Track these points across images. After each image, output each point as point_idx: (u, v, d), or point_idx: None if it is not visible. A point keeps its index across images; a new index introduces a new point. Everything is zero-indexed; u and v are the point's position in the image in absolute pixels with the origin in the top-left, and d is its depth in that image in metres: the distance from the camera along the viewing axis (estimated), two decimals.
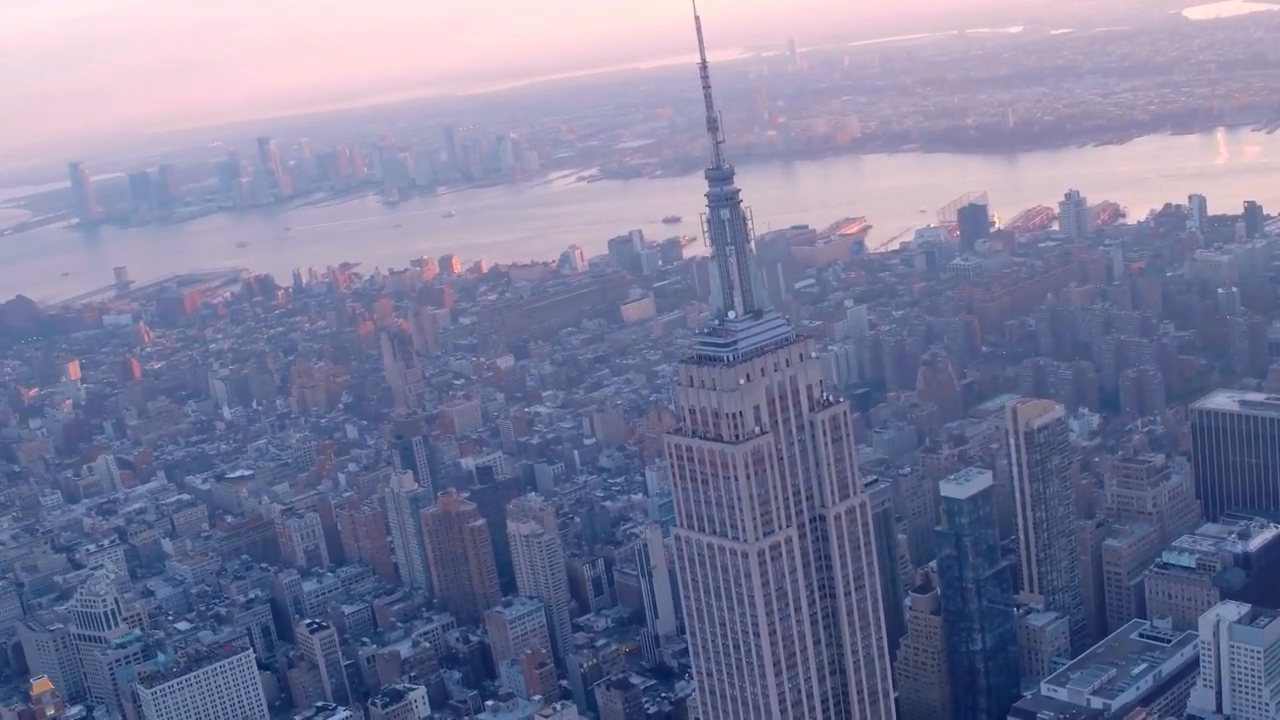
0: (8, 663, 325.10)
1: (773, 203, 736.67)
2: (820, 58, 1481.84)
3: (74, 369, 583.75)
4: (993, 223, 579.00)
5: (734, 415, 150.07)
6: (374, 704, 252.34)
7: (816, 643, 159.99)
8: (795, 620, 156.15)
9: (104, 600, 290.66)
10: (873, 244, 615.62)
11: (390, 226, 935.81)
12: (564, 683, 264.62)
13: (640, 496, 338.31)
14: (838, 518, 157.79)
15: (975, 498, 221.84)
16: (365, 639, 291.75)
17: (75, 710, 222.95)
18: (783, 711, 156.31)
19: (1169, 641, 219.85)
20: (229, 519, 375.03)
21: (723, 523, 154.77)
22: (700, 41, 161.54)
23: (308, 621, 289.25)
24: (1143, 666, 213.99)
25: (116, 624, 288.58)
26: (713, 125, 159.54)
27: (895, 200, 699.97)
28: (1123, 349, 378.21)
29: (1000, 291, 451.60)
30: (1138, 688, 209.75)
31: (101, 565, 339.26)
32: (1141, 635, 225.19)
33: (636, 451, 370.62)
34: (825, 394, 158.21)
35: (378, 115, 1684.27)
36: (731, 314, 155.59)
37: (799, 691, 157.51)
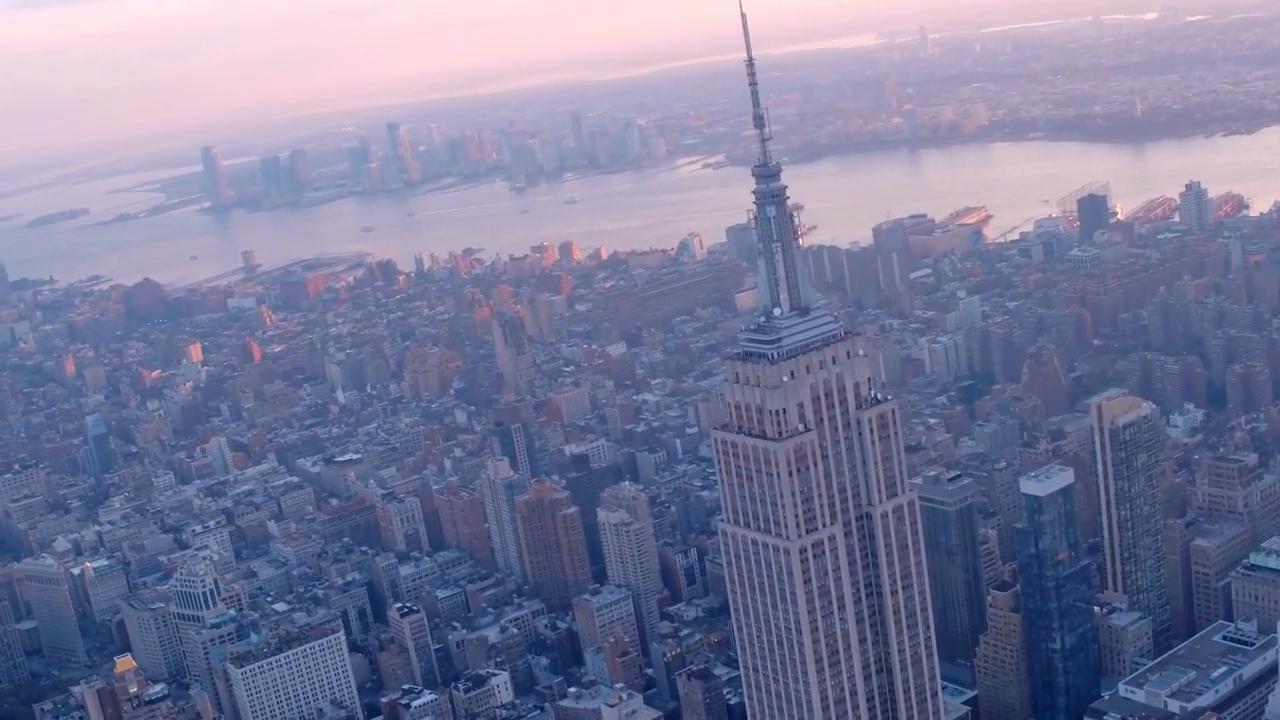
0: (112, 640, 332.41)
1: (896, 191, 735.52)
2: (952, 44, 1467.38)
3: (196, 351, 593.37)
4: (1114, 213, 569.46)
5: (777, 412, 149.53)
6: (456, 688, 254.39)
7: (862, 641, 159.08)
8: (839, 618, 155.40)
9: (202, 580, 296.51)
10: (993, 234, 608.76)
11: (516, 212, 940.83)
12: (650, 671, 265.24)
13: None
14: (884, 516, 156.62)
15: (1055, 495, 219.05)
16: (456, 624, 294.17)
17: (158, 688, 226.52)
18: (825, 709, 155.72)
19: (1252, 645, 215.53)
20: (334, 502, 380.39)
21: (766, 519, 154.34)
22: (746, 38, 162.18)
23: (399, 605, 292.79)
24: (1222, 670, 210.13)
25: (214, 604, 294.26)
26: (759, 122, 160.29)
27: (1018, 189, 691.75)
28: (1233, 344, 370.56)
29: (1114, 283, 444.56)
30: (1216, 691, 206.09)
31: (206, 546, 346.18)
32: (1225, 638, 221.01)
33: None
34: (874, 392, 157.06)
35: (511, 100, 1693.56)
36: (777, 310, 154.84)
37: (842, 689, 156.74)
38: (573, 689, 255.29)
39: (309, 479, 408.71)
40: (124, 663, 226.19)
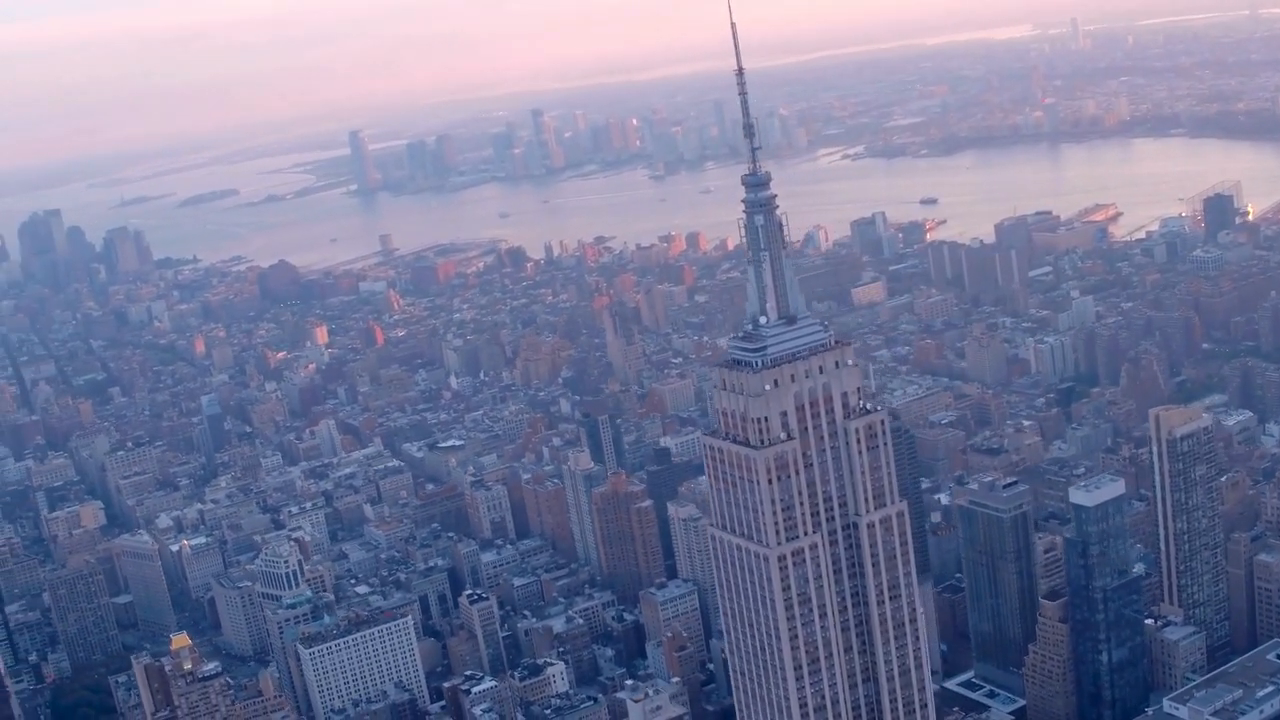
0: (205, 615, 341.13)
1: (1029, 185, 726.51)
2: (1105, 36, 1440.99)
3: (321, 334, 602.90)
4: (1245, 213, 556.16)
5: (760, 420, 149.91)
6: (512, 676, 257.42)
7: (848, 650, 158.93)
8: (820, 626, 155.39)
9: (285, 561, 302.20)
10: (1120, 232, 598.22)
11: (653, 201, 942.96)
12: (711, 666, 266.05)
13: None
14: (870, 526, 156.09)
15: (1104, 506, 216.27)
16: (527, 612, 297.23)
17: (212, 666, 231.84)
18: (804, 715, 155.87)
19: None
20: (429, 488, 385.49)
21: (748, 525, 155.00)
22: (736, 48, 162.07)
23: (469, 593, 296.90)
24: (1270, 689, 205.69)
25: (297, 585, 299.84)
26: (749, 131, 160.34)
27: (1153, 186, 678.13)
28: None
29: (1229, 286, 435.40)
30: (1261, 711, 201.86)
31: (299, 527, 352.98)
32: (1279, 656, 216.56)
33: None
34: (863, 402, 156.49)
35: (662, 87, 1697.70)
36: (763, 319, 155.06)
37: (823, 697, 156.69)
38: (629, 681, 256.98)
39: (413, 464, 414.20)
40: (179, 640, 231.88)
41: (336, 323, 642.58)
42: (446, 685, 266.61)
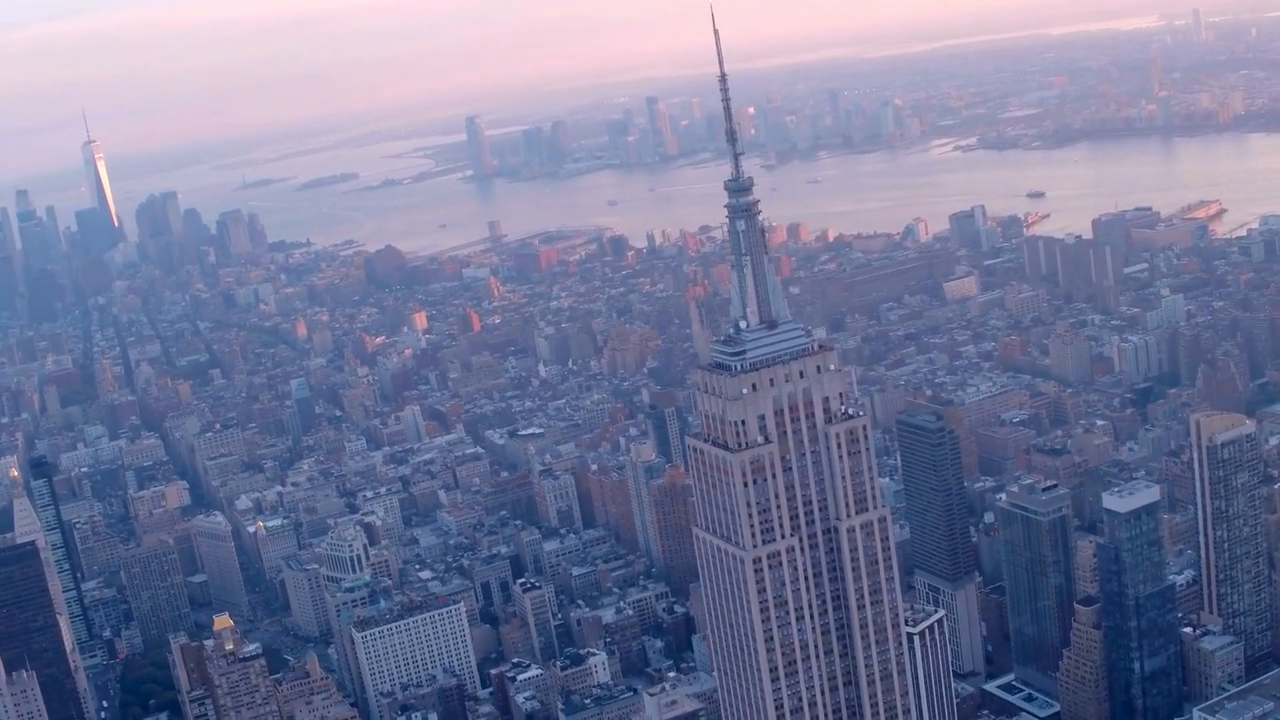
0: (277, 596, 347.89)
1: (1137, 180, 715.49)
2: (1228, 28, 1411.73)
3: (420, 319, 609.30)
4: None
5: (737, 423, 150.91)
6: (553, 664, 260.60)
7: (829, 653, 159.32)
8: (797, 629, 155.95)
9: (350, 546, 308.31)
10: (1223, 229, 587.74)
11: (763, 190, 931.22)
12: None
13: (885, 480, 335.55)
14: (850, 531, 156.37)
15: (1137, 512, 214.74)
16: (581, 601, 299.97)
17: (253, 647, 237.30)
18: (780, 717, 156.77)
19: None
20: (504, 475, 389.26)
21: (727, 527, 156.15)
22: (719, 53, 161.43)
23: (522, 581, 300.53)
24: None
25: (360, 569, 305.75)
26: (731, 138, 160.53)
27: (1262, 183, 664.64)
28: None
29: None
30: None
31: (372, 512, 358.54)
32: None
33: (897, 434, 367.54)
34: (845, 407, 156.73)
35: (782, 76, 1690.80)
36: (743, 323, 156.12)
37: (800, 699, 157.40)
38: (671, 674, 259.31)
39: (493, 451, 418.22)
40: (220, 621, 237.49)
41: (437, 309, 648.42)
42: (494, 672, 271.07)
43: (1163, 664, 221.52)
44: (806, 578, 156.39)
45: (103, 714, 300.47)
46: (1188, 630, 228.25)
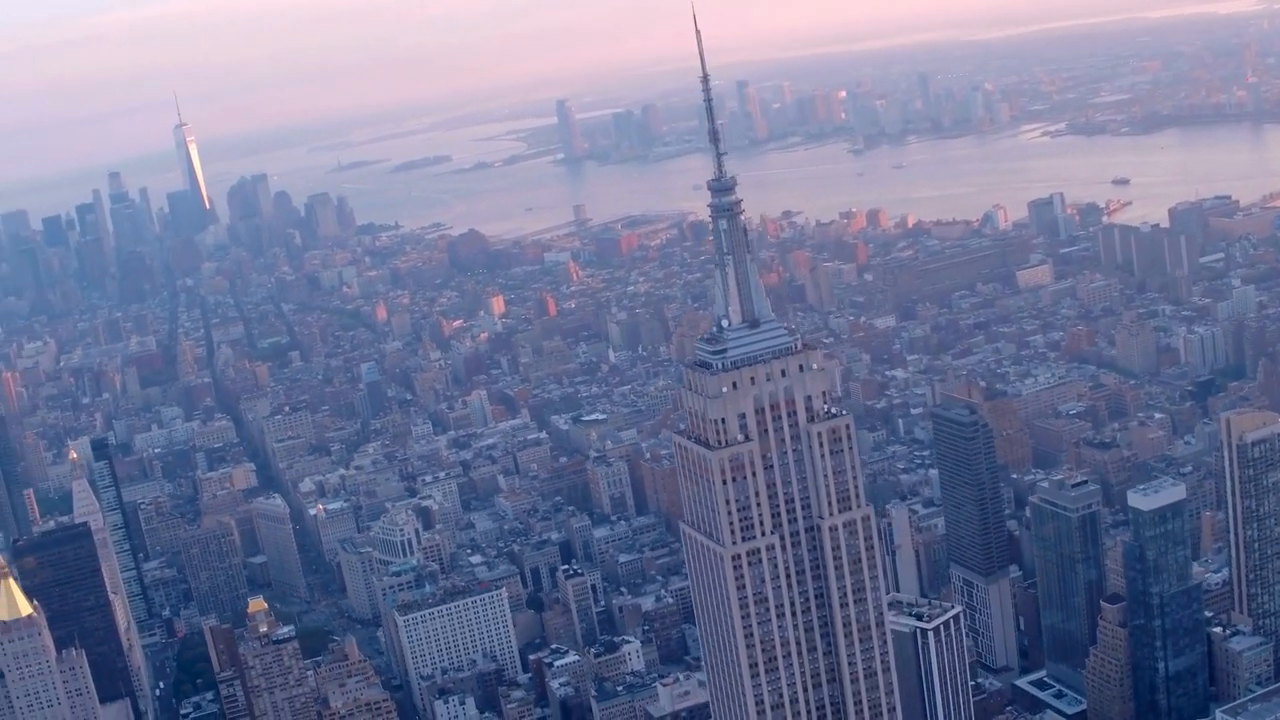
0: (334, 579, 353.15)
1: (1223, 168, 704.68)
2: None
3: (498, 303, 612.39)
4: None
5: (717, 421, 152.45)
6: (588, 651, 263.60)
7: (811, 650, 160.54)
8: (778, 626, 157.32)
9: (401, 530, 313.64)
10: None
11: (849, 175, 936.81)
12: None
13: (935, 472, 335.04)
14: (833, 529, 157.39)
15: (1162, 510, 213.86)
16: (624, 588, 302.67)
17: (285, 630, 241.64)
18: (760, 713, 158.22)
19: None
20: (562, 461, 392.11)
21: (708, 523, 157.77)
22: (700, 52, 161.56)
23: (565, 568, 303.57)
24: None
25: (411, 553, 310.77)
26: (714, 138, 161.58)
27: None
28: None
29: None
30: None
31: (430, 496, 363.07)
32: None
33: None
34: (828, 406, 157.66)
35: (876, 58, 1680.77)
36: (724, 322, 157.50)
37: (780, 695, 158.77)
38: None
39: (558, 436, 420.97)
40: (255, 604, 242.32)
41: (516, 293, 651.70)
42: (533, 657, 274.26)
43: (1188, 664, 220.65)
44: (788, 575, 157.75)
45: (158, 691, 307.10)
46: (1217, 630, 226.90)
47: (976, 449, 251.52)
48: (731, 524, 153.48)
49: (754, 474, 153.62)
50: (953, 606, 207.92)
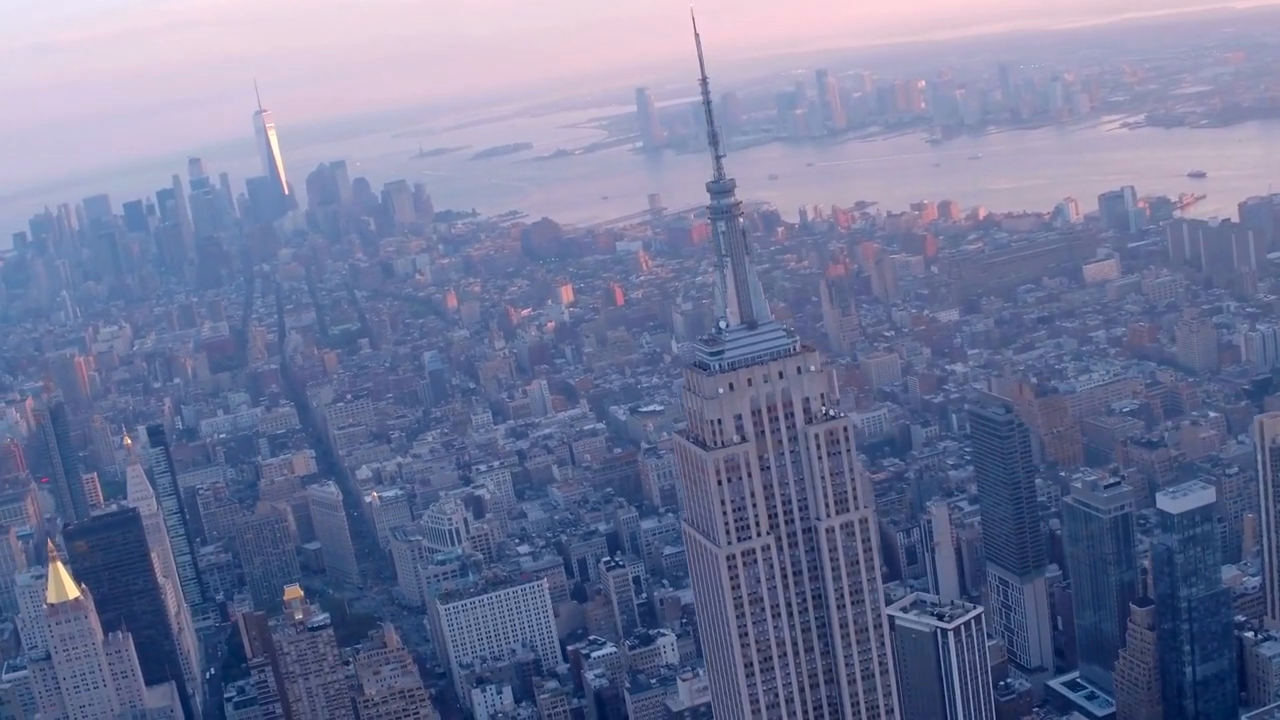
0: (387, 566, 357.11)
1: None
2: None
3: (567, 292, 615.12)
4: None
5: (713, 422, 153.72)
6: (623, 643, 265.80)
7: (809, 650, 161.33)
8: (773, 626, 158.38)
9: (450, 519, 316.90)
10: None
11: (926, 166, 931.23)
12: None
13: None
14: (830, 531, 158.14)
15: (1191, 514, 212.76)
16: (666, 581, 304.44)
17: (321, 617, 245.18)
18: (755, 712, 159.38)
19: None
20: (616, 451, 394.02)
21: (705, 523, 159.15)
22: (700, 56, 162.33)
23: (607, 559, 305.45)
24: None
25: (459, 542, 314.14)
26: (713, 140, 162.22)
27: None
28: None
29: None
30: None
31: (483, 485, 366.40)
32: None
33: None
34: (827, 408, 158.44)
35: (961, 48, 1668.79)
36: (722, 323, 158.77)
37: (776, 695, 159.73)
38: None
39: (615, 427, 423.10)
40: (291, 591, 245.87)
41: (585, 282, 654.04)
42: (571, 648, 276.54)
43: (1217, 669, 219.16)
44: (785, 576, 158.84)
45: (208, 675, 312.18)
46: (1249, 635, 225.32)
47: (1012, 447, 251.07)
48: (727, 524, 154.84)
49: (750, 475, 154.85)
50: (975, 607, 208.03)
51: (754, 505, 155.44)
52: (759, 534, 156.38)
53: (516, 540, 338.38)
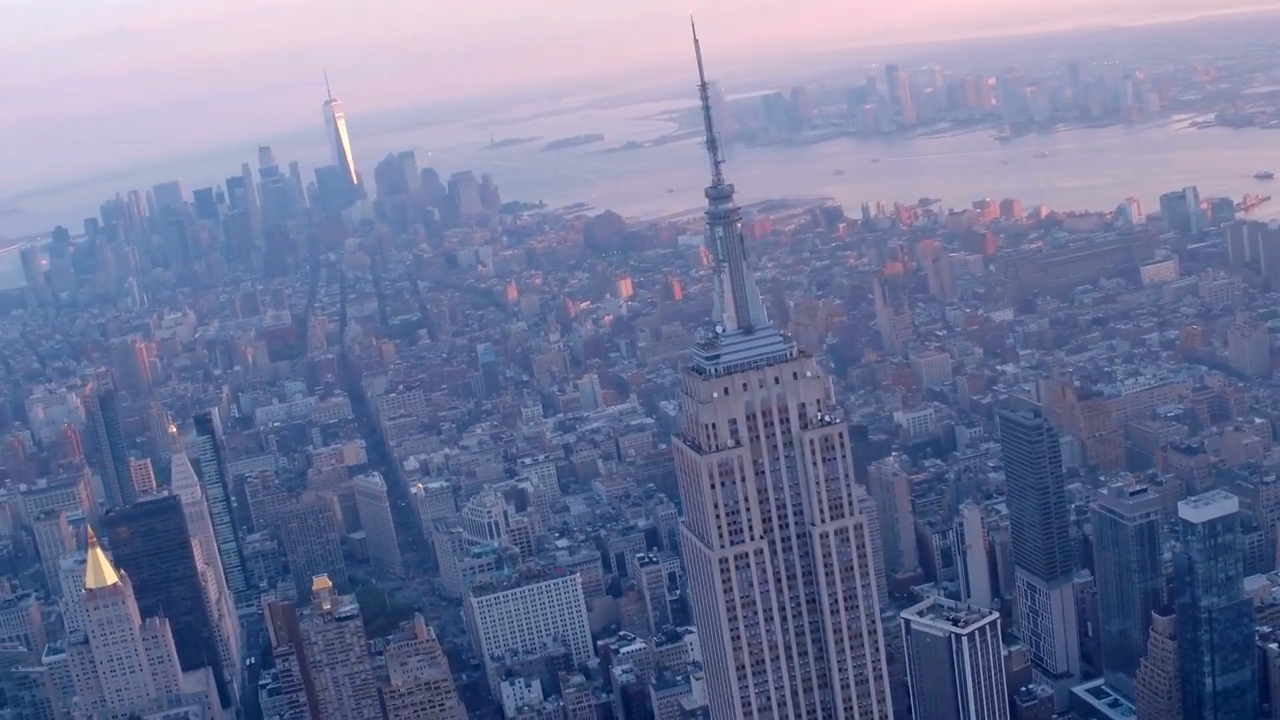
0: (430, 557, 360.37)
1: None
2: None
3: (626, 286, 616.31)
4: None
5: (708, 426, 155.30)
6: (651, 639, 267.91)
7: (803, 655, 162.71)
8: (765, 630, 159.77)
9: (489, 512, 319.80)
10: None
11: (993, 163, 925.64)
12: None
13: None
14: (824, 536, 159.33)
15: (1212, 523, 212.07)
16: None
17: (349, 607, 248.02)
18: (746, 715, 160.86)
19: None
20: (661, 447, 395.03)
21: (700, 526, 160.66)
22: (699, 62, 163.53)
23: (640, 555, 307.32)
24: None
25: (498, 535, 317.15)
26: (712, 146, 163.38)
27: None
28: None
29: None
30: None
31: (527, 478, 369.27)
32: None
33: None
34: (822, 414, 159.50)
35: (1037, 43, 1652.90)
36: (719, 328, 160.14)
37: (768, 698, 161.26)
38: None
39: (666, 422, 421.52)
40: (319, 581, 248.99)
41: (645, 275, 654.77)
42: (601, 643, 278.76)
43: (1238, 681, 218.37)
44: (779, 580, 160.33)
45: (249, 662, 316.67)
46: (1272, 646, 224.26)
47: (1041, 452, 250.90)
48: (720, 527, 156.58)
49: (743, 479, 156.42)
50: (991, 612, 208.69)
51: (747, 509, 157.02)
52: (752, 538, 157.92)
53: (556, 534, 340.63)
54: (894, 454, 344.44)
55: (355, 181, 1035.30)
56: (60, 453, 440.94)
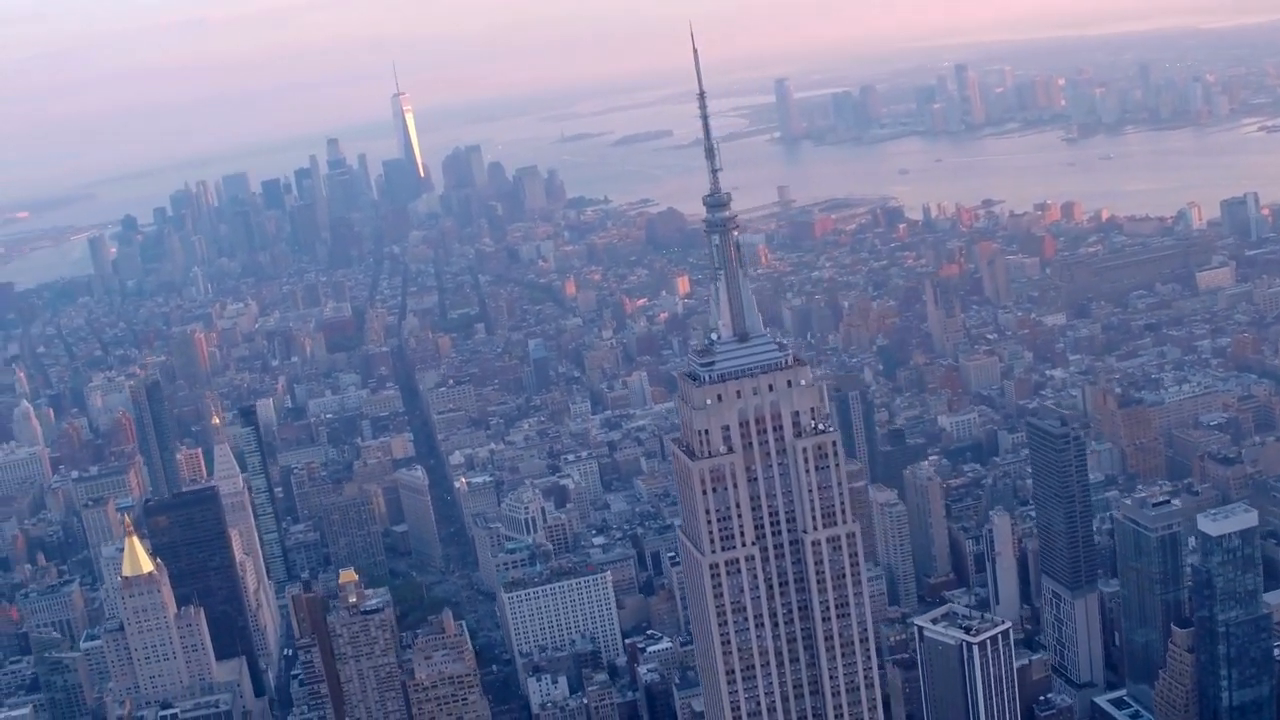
0: (470, 552, 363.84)
1: None
2: None
3: (683, 283, 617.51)
4: None
5: (701, 432, 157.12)
6: (677, 639, 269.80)
7: (793, 661, 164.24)
8: (756, 635, 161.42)
9: (526, 508, 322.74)
10: None
11: (1059, 165, 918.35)
12: None
13: None
14: (816, 544, 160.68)
15: (1230, 536, 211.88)
16: None
17: (375, 601, 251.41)
18: (736, 718, 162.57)
19: None
20: None
21: (692, 531, 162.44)
22: (698, 72, 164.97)
23: (673, 555, 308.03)
24: None
25: (535, 531, 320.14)
26: (709, 154, 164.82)
27: None
28: None
29: None
30: None
31: (568, 475, 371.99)
32: None
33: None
34: (816, 422, 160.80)
35: (1111, 44, 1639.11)
36: (714, 335, 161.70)
37: (757, 703, 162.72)
38: None
39: None
40: (346, 575, 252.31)
41: (703, 273, 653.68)
42: (628, 642, 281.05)
43: (1255, 695, 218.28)
44: (769, 586, 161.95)
45: (286, 652, 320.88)
46: None
47: (1067, 461, 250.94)
48: (711, 533, 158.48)
49: (735, 485, 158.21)
50: (1004, 621, 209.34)
51: (739, 516, 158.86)
52: (743, 544, 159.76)
53: (594, 531, 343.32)
54: (933, 458, 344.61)
55: (422, 174, 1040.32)
56: (114, 440, 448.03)
